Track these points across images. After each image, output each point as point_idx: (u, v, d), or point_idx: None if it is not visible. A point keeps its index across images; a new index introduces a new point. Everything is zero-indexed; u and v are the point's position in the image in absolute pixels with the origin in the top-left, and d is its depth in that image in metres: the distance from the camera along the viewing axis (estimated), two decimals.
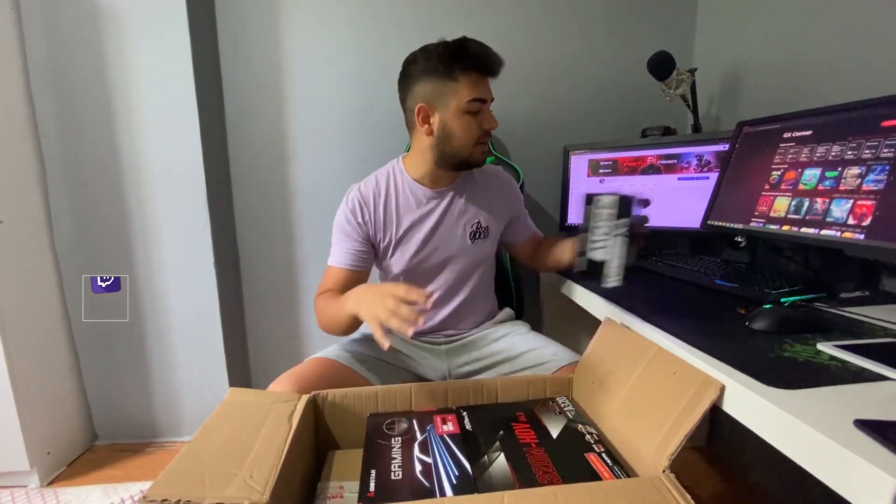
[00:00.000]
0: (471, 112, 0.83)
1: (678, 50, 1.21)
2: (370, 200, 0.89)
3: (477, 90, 0.82)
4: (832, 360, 0.53)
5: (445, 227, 0.92)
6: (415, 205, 0.91)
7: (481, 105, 0.83)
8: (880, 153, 0.72)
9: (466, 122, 0.83)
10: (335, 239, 0.91)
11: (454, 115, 0.82)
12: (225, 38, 1.36)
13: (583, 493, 0.47)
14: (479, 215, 0.94)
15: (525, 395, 0.77)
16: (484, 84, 0.84)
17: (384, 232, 0.90)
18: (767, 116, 0.95)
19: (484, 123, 0.85)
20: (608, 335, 0.77)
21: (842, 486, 0.37)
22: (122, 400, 1.41)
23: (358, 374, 0.84)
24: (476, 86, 0.82)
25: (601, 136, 1.43)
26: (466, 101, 0.81)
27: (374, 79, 1.40)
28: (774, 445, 0.44)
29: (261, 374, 1.55)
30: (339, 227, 0.90)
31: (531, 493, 0.49)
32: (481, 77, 0.83)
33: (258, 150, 1.42)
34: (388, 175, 0.92)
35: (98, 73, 1.23)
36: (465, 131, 0.84)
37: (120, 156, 1.27)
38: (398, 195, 0.91)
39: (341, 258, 0.89)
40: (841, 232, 0.75)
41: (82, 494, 1.18)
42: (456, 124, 0.83)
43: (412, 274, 0.92)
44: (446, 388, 0.76)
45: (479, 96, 0.82)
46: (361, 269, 0.90)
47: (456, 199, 0.93)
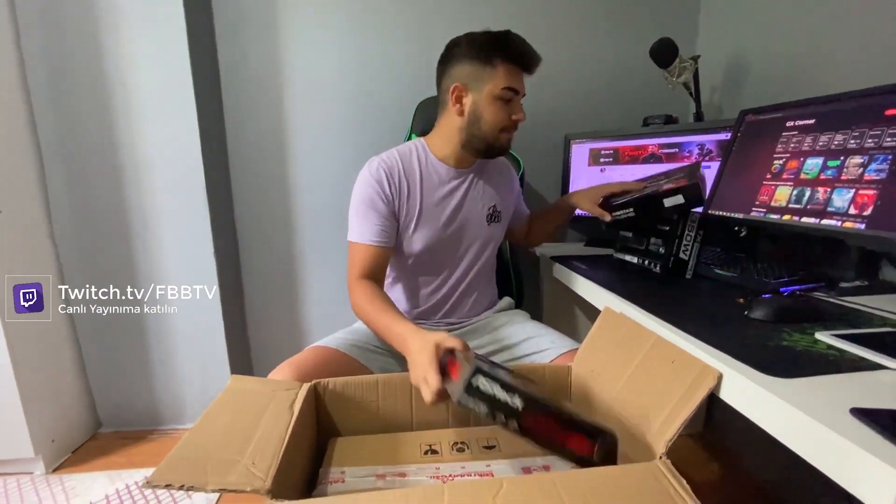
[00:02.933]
0: (503, 99, 0.86)
1: (681, 37, 1.20)
2: (395, 172, 0.89)
3: (512, 80, 0.85)
4: (830, 349, 0.53)
5: (469, 205, 0.94)
6: (437, 182, 0.92)
7: (513, 95, 0.86)
8: (883, 142, 0.72)
9: (497, 108, 0.86)
10: (359, 213, 0.87)
11: (487, 99, 0.85)
12: (222, 30, 1.34)
13: (580, 479, 0.48)
14: (495, 199, 0.98)
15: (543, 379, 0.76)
16: (519, 77, 0.87)
17: (408, 206, 0.89)
18: (770, 105, 0.94)
19: (513, 113, 0.88)
20: (607, 324, 0.77)
21: (837, 473, 0.37)
22: (124, 388, 1.42)
23: (358, 362, 0.84)
24: (512, 76, 0.85)
25: (602, 124, 1.42)
26: (501, 89, 0.84)
27: (375, 71, 1.38)
28: (770, 433, 0.44)
29: (261, 363, 1.56)
30: (365, 199, 0.87)
31: (530, 480, 0.49)
32: (518, 70, 0.86)
33: (257, 142, 1.41)
34: (410, 151, 0.93)
35: (95, 66, 1.21)
36: (494, 116, 0.86)
37: (118, 148, 1.26)
38: (422, 170, 0.91)
39: (370, 233, 0.85)
40: (842, 221, 0.75)
41: (87, 481, 1.20)
42: (487, 109, 0.86)
43: (433, 251, 0.92)
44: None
45: (514, 86, 0.85)
46: (390, 246, 0.88)
47: (476, 180, 0.96)
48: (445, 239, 0.93)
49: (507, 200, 1.01)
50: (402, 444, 0.69)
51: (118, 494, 1.14)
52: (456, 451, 0.68)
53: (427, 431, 0.73)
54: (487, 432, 0.72)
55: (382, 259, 0.87)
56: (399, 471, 0.63)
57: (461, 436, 0.71)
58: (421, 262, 0.93)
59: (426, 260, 0.93)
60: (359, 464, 0.65)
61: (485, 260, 0.99)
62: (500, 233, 1.01)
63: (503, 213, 1.00)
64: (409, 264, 0.93)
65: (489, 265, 1.02)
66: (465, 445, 0.69)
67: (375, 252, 0.86)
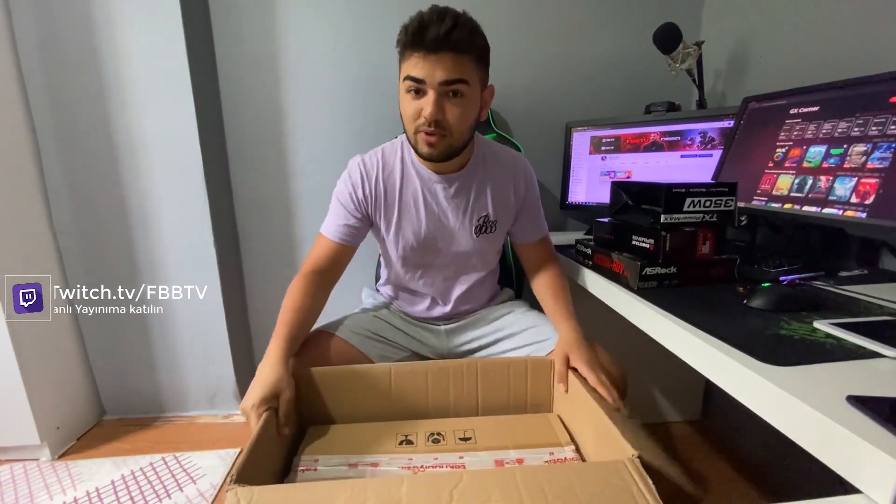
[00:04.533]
0: (409, 92, 0.74)
1: (685, 22, 1.18)
2: (373, 174, 0.85)
3: (412, 67, 0.71)
4: (828, 337, 0.53)
5: (448, 217, 0.86)
6: (419, 187, 0.85)
7: (417, 85, 0.72)
8: (887, 130, 0.71)
9: (406, 102, 0.75)
10: (333, 207, 0.87)
11: (401, 91, 0.76)
12: (217, 10, 1.32)
13: (543, 473, 0.48)
14: (487, 208, 0.87)
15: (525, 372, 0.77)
16: (423, 63, 0.70)
17: (385, 208, 0.86)
18: (774, 92, 0.93)
19: (423, 109, 0.73)
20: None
21: (833, 460, 0.38)
22: (128, 376, 1.43)
23: (357, 349, 0.84)
24: (413, 64, 0.71)
25: (604, 112, 1.40)
26: (402, 78, 0.74)
27: (373, 49, 1.35)
28: (767, 420, 0.45)
29: (263, 350, 1.56)
30: (339, 197, 0.87)
31: (490, 473, 0.50)
32: (420, 53, 0.70)
33: (255, 126, 1.40)
34: (394, 150, 0.88)
35: (89, 50, 1.20)
36: (403, 111, 0.76)
37: (114, 133, 1.25)
38: (403, 174, 0.86)
39: (334, 230, 0.86)
40: (843, 210, 0.74)
41: (93, 467, 1.22)
42: (402, 102, 0.76)
43: (417, 254, 0.89)
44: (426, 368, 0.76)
45: (413, 74, 0.71)
46: (351, 245, 0.88)
47: (463, 188, 0.86)
48: (426, 245, 0.88)
49: (510, 206, 0.90)
50: (378, 434, 0.70)
51: (123, 480, 1.16)
52: (431, 441, 0.69)
53: (405, 422, 0.74)
54: (465, 423, 0.73)
55: (342, 256, 0.86)
56: (372, 461, 0.64)
57: (438, 426, 0.72)
58: (408, 263, 0.91)
59: (412, 262, 0.90)
60: (332, 452, 0.66)
61: (481, 272, 0.94)
62: (496, 243, 0.93)
63: (500, 223, 0.89)
64: (398, 263, 0.91)
65: (488, 273, 0.97)
66: (441, 436, 0.69)
67: (335, 248, 0.85)
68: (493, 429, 0.71)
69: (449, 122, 0.74)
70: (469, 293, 0.95)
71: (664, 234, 0.73)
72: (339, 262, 0.87)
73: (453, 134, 0.76)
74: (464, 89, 0.73)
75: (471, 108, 0.76)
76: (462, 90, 0.73)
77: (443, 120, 0.73)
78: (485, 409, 0.76)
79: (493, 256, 0.96)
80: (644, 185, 0.81)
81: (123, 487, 1.13)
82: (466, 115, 0.76)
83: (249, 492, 0.45)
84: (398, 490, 0.45)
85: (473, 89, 0.74)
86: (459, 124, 0.75)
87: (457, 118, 0.74)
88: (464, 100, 0.74)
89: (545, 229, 0.95)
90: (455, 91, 0.72)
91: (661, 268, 0.75)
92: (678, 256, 0.75)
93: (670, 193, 0.74)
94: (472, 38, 0.72)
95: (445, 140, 0.76)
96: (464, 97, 0.74)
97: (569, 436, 0.70)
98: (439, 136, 0.75)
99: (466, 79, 0.72)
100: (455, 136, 0.76)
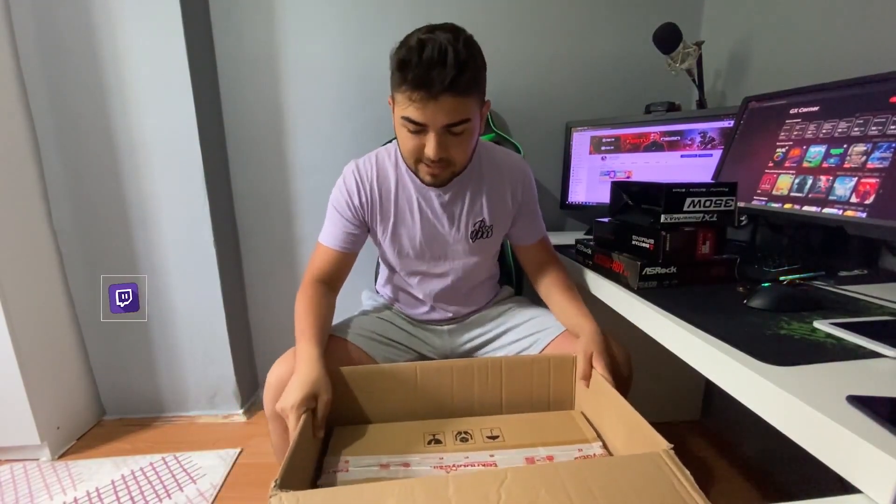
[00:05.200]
0: (407, 129, 0.71)
1: (685, 22, 1.18)
2: (367, 181, 0.85)
3: (410, 110, 0.68)
4: (828, 337, 0.53)
5: (443, 224, 0.86)
6: (414, 193, 0.84)
7: (417, 127, 0.70)
8: (887, 130, 0.71)
9: (404, 136, 0.73)
10: (330, 216, 0.87)
11: (397, 122, 0.73)
12: (217, 10, 1.32)
13: (584, 469, 0.48)
14: (483, 213, 0.87)
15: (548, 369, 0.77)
16: (424, 109, 0.67)
17: (380, 214, 0.86)
18: (774, 92, 0.93)
19: (425, 146, 0.71)
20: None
21: (833, 460, 0.38)
22: (127, 376, 1.43)
23: (362, 350, 0.84)
24: (412, 106, 0.67)
25: (604, 112, 1.40)
26: (400, 116, 0.71)
27: (374, 48, 1.36)
28: (768, 420, 0.45)
29: (263, 349, 1.57)
30: (335, 204, 0.87)
31: (533, 470, 0.50)
32: (420, 98, 0.66)
33: (255, 125, 1.40)
34: (389, 156, 0.87)
35: (89, 50, 1.20)
36: (403, 144, 0.75)
37: (114, 133, 1.25)
38: (398, 180, 0.85)
39: (333, 238, 0.86)
40: (843, 210, 0.74)
41: (93, 467, 1.22)
42: (398, 133, 0.75)
43: (414, 258, 0.89)
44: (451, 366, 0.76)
45: (411, 117, 0.68)
46: (352, 251, 0.88)
47: (458, 195, 0.85)
48: (422, 250, 0.88)
49: (506, 211, 0.89)
50: (406, 433, 0.70)
51: (124, 480, 1.16)
52: (459, 440, 0.68)
53: (431, 421, 0.73)
54: (490, 421, 0.73)
55: (343, 264, 0.87)
56: (403, 460, 0.64)
57: (464, 425, 0.72)
58: (406, 267, 0.91)
59: (409, 266, 0.90)
60: (362, 453, 0.66)
61: (479, 275, 0.94)
62: (493, 247, 0.93)
63: (497, 227, 0.89)
64: (396, 268, 0.91)
65: (485, 269, 0.96)
66: (469, 435, 0.69)
67: (336, 256, 0.86)
68: (519, 426, 0.72)
69: (452, 156, 0.74)
70: (469, 297, 0.95)
71: (664, 234, 0.73)
72: (342, 269, 0.87)
73: (456, 164, 0.77)
74: (467, 126, 0.71)
75: (473, 137, 0.76)
76: (465, 128, 0.71)
77: (446, 156, 0.73)
78: (508, 406, 0.76)
79: (490, 260, 0.96)
80: (644, 185, 0.80)
81: (123, 487, 1.13)
82: (469, 146, 0.76)
83: (294, 497, 0.43)
84: (445, 490, 0.45)
85: (475, 121, 0.73)
86: (462, 156, 0.76)
87: (460, 152, 0.74)
88: (466, 134, 0.73)
89: (543, 230, 0.94)
90: (458, 131, 0.71)
91: (661, 268, 0.75)
92: (678, 256, 0.75)
93: (670, 193, 0.74)
94: (475, 78, 0.69)
95: (448, 170, 0.76)
96: (466, 131, 0.72)
97: (595, 432, 0.70)
98: (442, 168, 0.75)
99: (469, 117, 0.71)
100: (458, 165, 0.77)
